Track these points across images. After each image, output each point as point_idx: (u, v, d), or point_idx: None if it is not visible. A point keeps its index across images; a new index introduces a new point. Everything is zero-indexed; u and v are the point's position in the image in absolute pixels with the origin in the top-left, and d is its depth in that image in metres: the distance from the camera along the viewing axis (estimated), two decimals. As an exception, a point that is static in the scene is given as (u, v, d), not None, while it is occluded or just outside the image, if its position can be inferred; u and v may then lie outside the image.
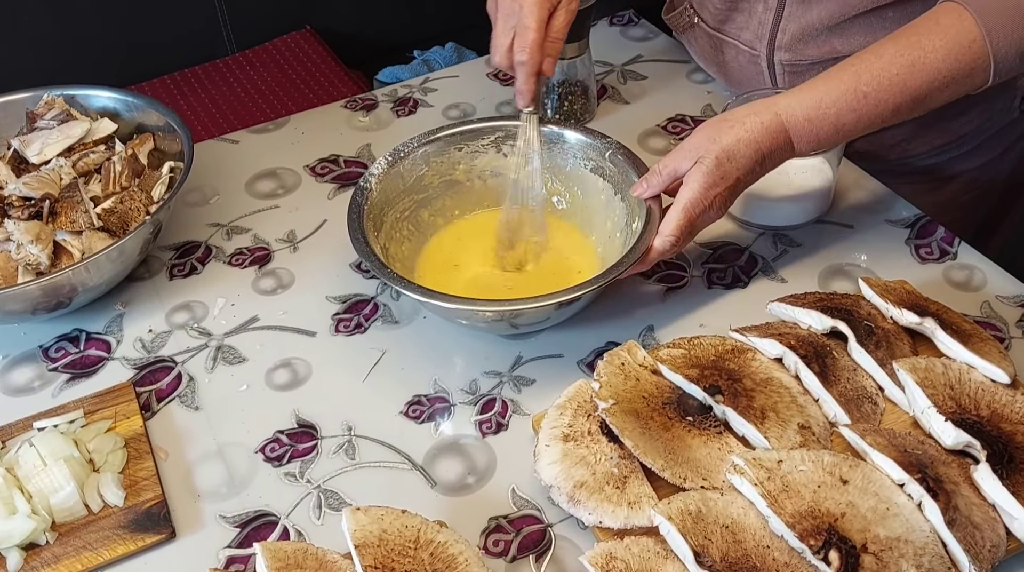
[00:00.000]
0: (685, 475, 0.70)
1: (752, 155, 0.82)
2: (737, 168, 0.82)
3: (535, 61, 0.90)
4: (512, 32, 0.90)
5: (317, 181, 1.09)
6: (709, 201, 0.83)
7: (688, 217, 0.82)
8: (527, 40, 0.89)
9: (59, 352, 0.91)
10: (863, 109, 0.82)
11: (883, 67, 0.81)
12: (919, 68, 0.81)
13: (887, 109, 0.82)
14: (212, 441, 0.82)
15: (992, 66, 0.80)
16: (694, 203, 0.82)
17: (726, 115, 0.84)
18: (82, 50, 1.91)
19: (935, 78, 0.81)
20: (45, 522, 0.74)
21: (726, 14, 1.09)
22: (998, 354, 0.78)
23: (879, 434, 0.72)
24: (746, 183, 0.85)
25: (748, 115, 0.83)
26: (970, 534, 0.66)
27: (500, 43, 0.92)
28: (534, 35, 0.89)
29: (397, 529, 0.68)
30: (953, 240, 0.96)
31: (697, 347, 0.81)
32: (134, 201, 0.93)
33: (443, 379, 0.86)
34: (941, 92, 0.82)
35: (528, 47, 0.89)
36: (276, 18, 2.08)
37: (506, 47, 0.91)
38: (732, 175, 0.82)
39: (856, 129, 0.84)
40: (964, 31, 0.80)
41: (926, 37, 0.81)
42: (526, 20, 0.89)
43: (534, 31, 0.89)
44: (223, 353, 0.89)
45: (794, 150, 0.84)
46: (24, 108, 1.03)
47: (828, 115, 0.82)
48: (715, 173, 0.82)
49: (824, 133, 0.83)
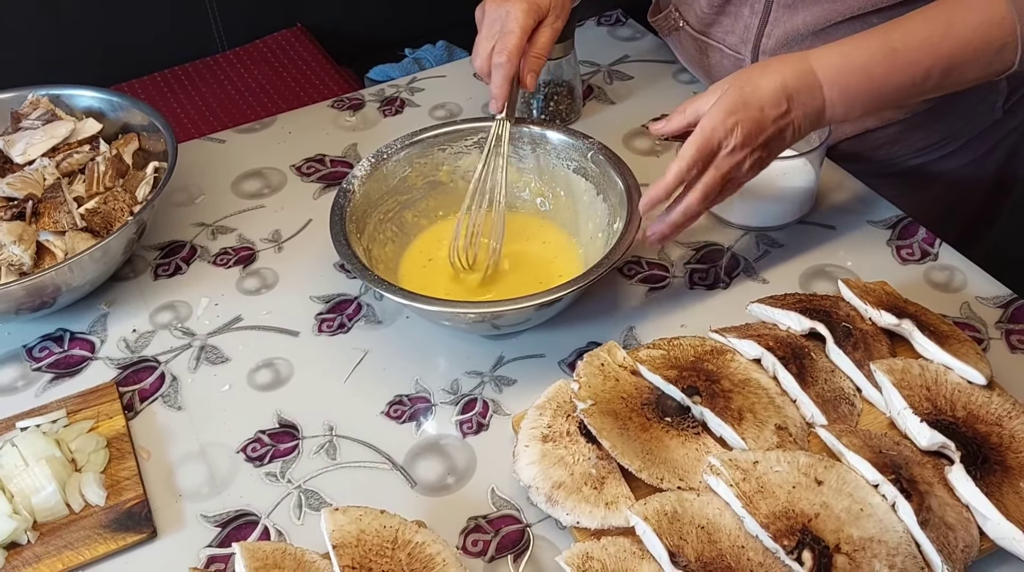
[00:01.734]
0: (662, 476, 0.71)
1: (776, 88, 0.80)
2: (759, 98, 0.79)
3: (513, 65, 0.90)
4: (495, 38, 0.91)
5: (303, 181, 1.10)
6: (727, 130, 0.79)
7: (706, 140, 0.78)
8: (508, 44, 0.90)
9: (43, 352, 0.91)
10: (892, 64, 0.81)
11: (913, 28, 0.81)
12: (951, 33, 0.80)
13: (919, 70, 0.81)
14: (194, 441, 0.82)
15: (1020, 47, 0.80)
16: (713, 127, 0.78)
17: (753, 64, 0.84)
18: (71, 47, 1.91)
19: (966, 46, 0.80)
20: (26, 522, 0.74)
21: (712, 18, 1.09)
22: (975, 356, 0.78)
23: (854, 435, 0.72)
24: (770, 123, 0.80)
25: (776, 60, 0.82)
26: (943, 534, 0.66)
27: (482, 48, 0.92)
28: (516, 40, 0.89)
29: (375, 529, 0.68)
30: (934, 241, 0.97)
31: (676, 348, 0.81)
32: (118, 201, 0.94)
33: (425, 379, 0.86)
34: (971, 64, 0.81)
35: (508, 50, 0.89)
36: (267, 16, 2.08)
37: (487, 51, 0.91)
38: (754, 104, 0.79)
39: (887, 86, 0.81)
40: (995, 7, 0.80)
41: (956, 8, 0.81)
42: (510, 25, 0.89)
43: (516, 36, 0.89)
44: (206, 353, 0.90)
45: (824, 101, 0.81)
46: (9, 108, 1.03)
47: (857, 65, 0.81)
48: (736, 100, 0.79)
49: (854, 84, 0.81)
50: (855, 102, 0.82)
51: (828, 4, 0.98)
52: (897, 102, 0.85)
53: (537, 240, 0.97)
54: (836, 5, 0.98)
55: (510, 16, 0.90)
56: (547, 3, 0.92)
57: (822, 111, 0.82)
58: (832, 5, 0.98)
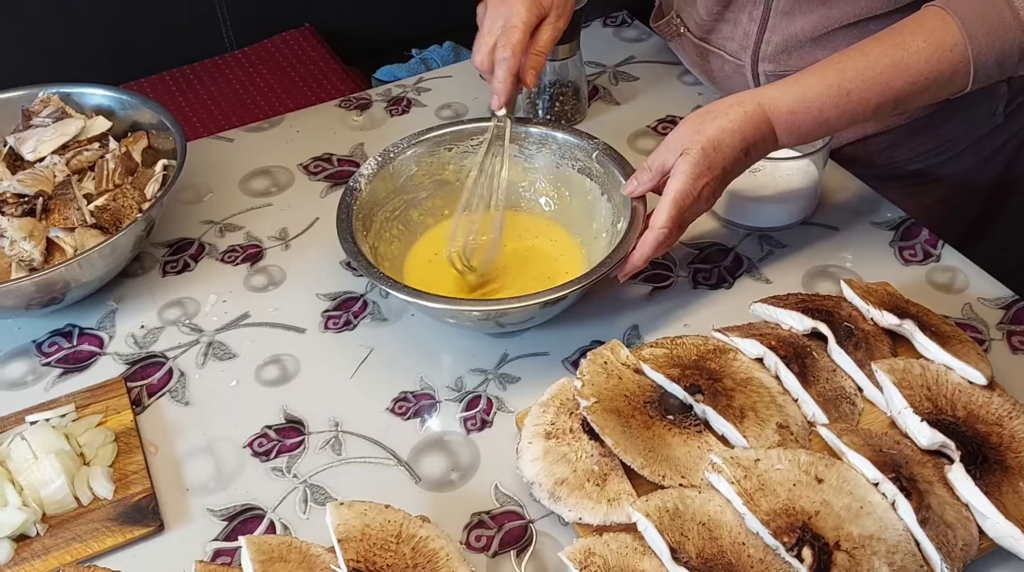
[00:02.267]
0: (664, 473, 0.72)
1: (737, 145, 0.83)
2: (723, 158, 0.83)
3: (516, 59, 0.90)
4: (497, 33, 0.91)
5: (310, 179, 1.11)
6: (697, 191, 0.83)
7: (678, 208, 0.83)
8: (511, 39, 0.90)
9: (52, 347, 0.92)
10: (845, 106, 0.83)
11: (868, 65, 0.82)
12: (902, 68, 0.82)
13: (869, 107, 0.83)
14: (201, 436, 0.83)
15: (972, 72, 0.82)
16: (683, 194, 0.82)
17: (709, 107, 0.85)
18: (82, 45, 1.92)
19: (916, 79, 0.82)
20: (36, 514, 0.75)
21: (711, 24, 1.10)
22: (976, 356, 0.79)
23: (855, 434, 0.73)
24: (733, 174, 0.85)
25: (732, 105, 0.84)
26: (942, 533, 0.67)
27: (483, 43, 0.92)
28: (519, 35, 0.90)
29: (380, 524, 0.69)
30: (937, 242, 0.97)
31: (679, 347, 0.82)
32: (127, 198, 0.95)
33: (429, 376, 0.87)
34: (921, 93, 0.83)
35: (512, 45, 0.90)
36: (275, 15, 2.09)
37: (489, 47, 0.91)
38: (719, 165, 0.83)
39: (838, 124, 0.85)
40: (947, 35, 0.81)
41: (910, 38, 0.82)
42: (513, 20, 0.90)
43: (520, 31, 0.90)
44: (214, 349, 0.91)
45: (777, 141, 0.85)
46: (20, 106, 1.04)
47: (811, 109, 0.83)
48: (702, 163, 0.82)
49: (806, 127, 0.84)
50: (806, 138, 0.87)
51: (825, 11, 0.99)
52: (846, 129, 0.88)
53: (542, 239, 0.98)
54: (833, 12, 0.99)
55: (513, 12, 0.90)
56: (549, 1, 0.92)
57: (774, 147, 0.86)
58: (829, 12, 0.99)
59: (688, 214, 0.84)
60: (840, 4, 0.98)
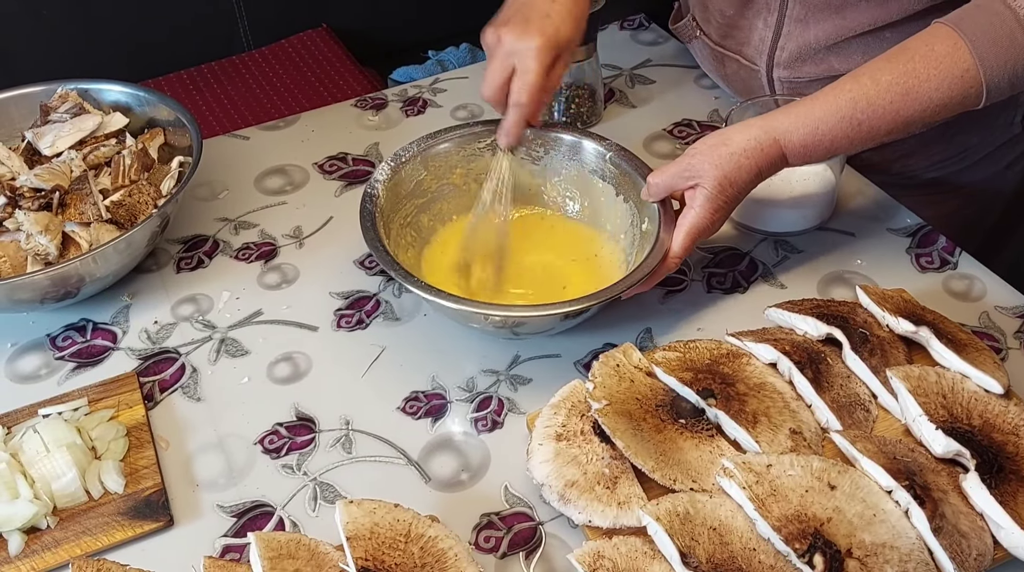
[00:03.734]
0: (675, 477, 0.71)
1: (751, 178, 0.85)
2: (738, 191, 0.85)
3: (532, 106, 0.88)
4: (510, 70, 0.88)
5: (325, 178, 1.11)
6: (714, 222, 0.86)
7: (692, 239, 0.86)
8: (529, 83, 0.87)
9: (66, 341, 0.92)
10: (856, 135, 0.84)
11: (879, 94, 0.82)
12: (912, 97, 0.82)
13: (879, 134, 0.84)
14: (212, 432, 0.83)
15: (984, 94, 0.81)
16: (700, 227, 0.85)
17: (724, 137, 0.85)
18: (100, 44, 1.93)
19: (927, 106, 0.82)
20: (46, 507, 0.75)
21: (727, 29, 1.09)
22: (992, 364, 0.78)
23: (869, 441, 0.72)
24: (744, 198, 0.88)
25: (747, 139, 0.84)
26: (956, 542, 0.66)
27: (495, 78, 0.89)
28: (536, 80, 0.87)
29: (389, 523, 0.69)
30: (954, 250, 0.96)
31: (692, 351, 0.81)
32: (143, 194, 0.95)
33: (441, 376, 0.87)
34: (933, 118, 0.83)
35: (530, 90, 0.87)
36: (293, 16, 2.10)
37: (499, 82, 0.88)
38: (732, 197, 0.85)
39: (848, 150, 0.87)
40: (958, 61, 0.80)
41: (921, 65, 0.81)
42: (530, 63, 0.86)
43: (537, 76, 0.87)
44: (226, 346, 0.91)
45: (788, 165, 0.87)
46: (38, 101, 1.05)
47: (823, 141, 0.84)
48: (718, 199, 0.84)
49: (817, 155, 0.86)
50: (816, 161, 0.88)
51: (839, 20, 0.98)
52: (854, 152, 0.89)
53: (558, 244, 0.98)
54: (847, 22, 0.98)
55: (529, 55, 0.86)
56: (565, 38, 0.88)
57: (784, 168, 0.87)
58: (843, 21, 0.98)
59: (701, 240, 0.87)
60: (854, 13, 0.98)
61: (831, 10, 0.98)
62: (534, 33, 0.86)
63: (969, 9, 0.82)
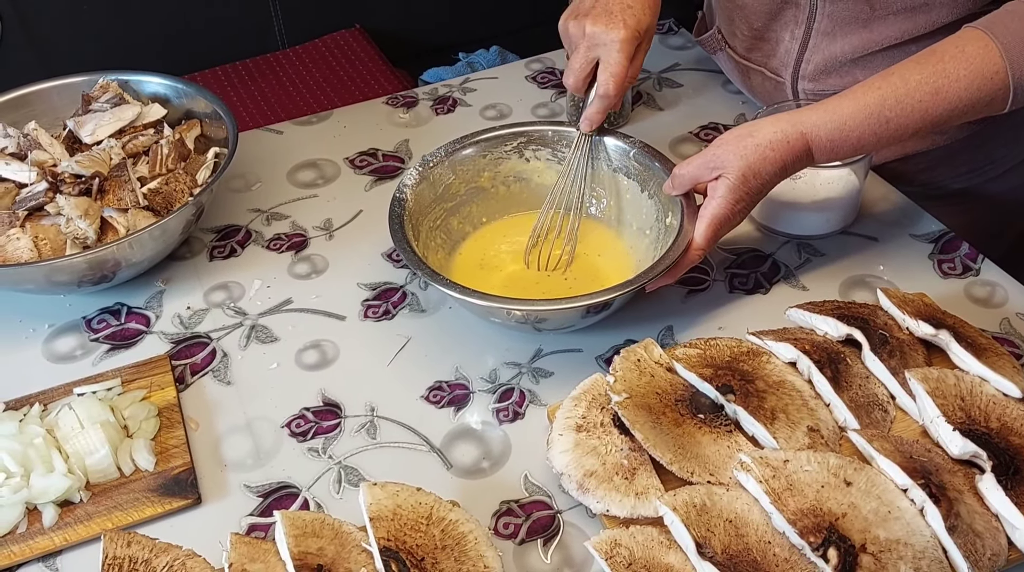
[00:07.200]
0: (693, 469, 0.72)
1: (776, 171, 0.85)
2: (762, 183, 0.85)
3: (617, 98, 0.91)
4: (594, 62, 0.90)
5: (355, 173, 1.13)
6: (734, 214, 0.86)
7: (715, 230, 0.86)
8: (617, 75, 0.89)
9: (101, 324, 0.95)
10: (884, 132, 0.84)
11: (908, 92, 0.83)
12: (942, 96, 0.82)
13: (907, 132, 0.84)
14: (241, 415, 0.85)
15: (1011, 96, 0.82)
16: (722, 218, 0.85)
17: (752, 129, 0.85)
18: (140, 41, 1.97)
19: (956, 106, 0.82)
20: (80, 481, 0.78)
21: (753, 42, 1.10)
22: (1012, 369, 0.79)
23: (886, 440, 0.73)
24: (768, 192, 0.88)
25: (774, 131, 0.84)
26: (971, 541, 0.67)
27: (578, 67, 0.91)
28: (623, 71, 0.89)
29: (411, 505, 0.70)
30: (976, 257, 0.97)
31: (713, 348, 0.83)
32: (179, 183, 0.97)
33: (464, 367, 0.88)
34: (959, 118, 0.84)
35: (617, 83, 0.90)
36: (327, 16, 2.13)
37: (585, 74, 0.91)
38: (756, 189, 0.86)
39: (875, 147, 0.86)
40: (989, 62, 0.81)
41: (951, 65, 0.82)
42: (616, 56, 0.89)
43: (623, 67, 0.89)
44: (256, 332, 0.93)
45: (814, 161, 0.87)
46: (80, 91, 1.08)
47: (851, 138, 0.84)
48: (740, 189, 0.84)
49: (844, 151, 0.86)
50: (842, 159, 0.89)
51: (866, 34, 0.99)
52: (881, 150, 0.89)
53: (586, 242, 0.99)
54: (875, 35, 0.99)
55: (615, 47, 0.89)
56: (645, 27, 0.91)
57: (809, 165, 0.88)
58: (870, 35, 0.99)
59: (723, 233, 0.87)
60: (881, 27, 0.98)
61: (859, 24, 0.99)
62: (618, 24, 0.88)
63: (1001, 14, 0.82)
